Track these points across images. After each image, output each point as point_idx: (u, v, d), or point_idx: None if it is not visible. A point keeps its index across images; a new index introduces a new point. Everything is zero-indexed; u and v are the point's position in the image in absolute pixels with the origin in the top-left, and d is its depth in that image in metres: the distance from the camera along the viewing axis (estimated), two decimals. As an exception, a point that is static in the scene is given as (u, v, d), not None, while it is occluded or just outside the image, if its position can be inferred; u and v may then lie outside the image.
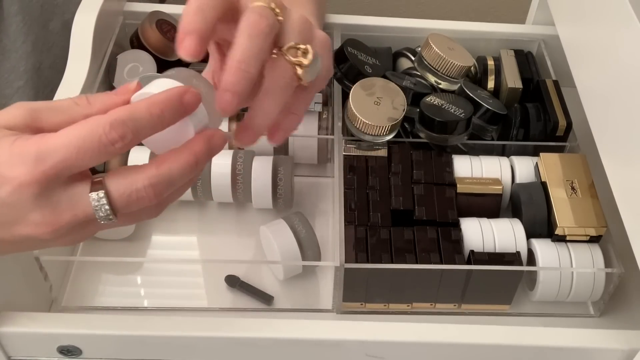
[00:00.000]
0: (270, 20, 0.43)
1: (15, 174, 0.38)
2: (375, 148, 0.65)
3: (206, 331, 0.52)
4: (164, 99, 0.39)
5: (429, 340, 0.52)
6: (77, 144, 0.38)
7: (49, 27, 0.71)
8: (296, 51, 0.45)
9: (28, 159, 0.38)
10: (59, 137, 0.38)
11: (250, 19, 0.42)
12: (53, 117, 0.40)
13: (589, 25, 0.58)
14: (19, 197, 0.39)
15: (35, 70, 0.70)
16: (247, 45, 0.42)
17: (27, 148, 0.39)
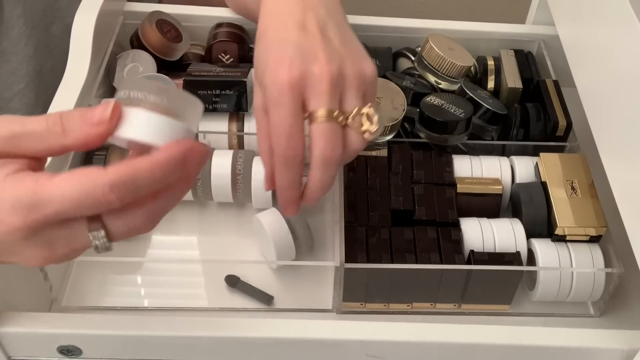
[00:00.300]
0: (338, 145, 0.48)
1: (7, 219, 0.38)
2: (375, 148, 0.65)
3: (206, 331, 0.52)
4: (168, 161, 0.39)
5: (429, 340, 0.52)
6: (73, 198, 0.38)
7: (50, 31, 0.71)
8: (360, 117, 0.48)
9: (21, 206, 0.38)
10: (56, 188, 0.38)
11: (323, 154, 0.48)
12: (31, 146, 0.40)
13: (589, 25, 0.58)
14: (11, 238, 0.39)
15: (37, 74, 0.70)
16: (322, 177, 0.48)
17: (21, 193, 0.38)
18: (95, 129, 0.39)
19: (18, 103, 0.70)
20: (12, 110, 0.70)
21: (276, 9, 0.53)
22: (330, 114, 0.47)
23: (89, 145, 0.39)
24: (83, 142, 0.39)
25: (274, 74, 0.47)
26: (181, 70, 0.68)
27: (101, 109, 0.39)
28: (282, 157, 0.48)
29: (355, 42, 0.53)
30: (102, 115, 0.39)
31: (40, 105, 0.71)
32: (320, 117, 0.47)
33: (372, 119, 0.48)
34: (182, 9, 0.76)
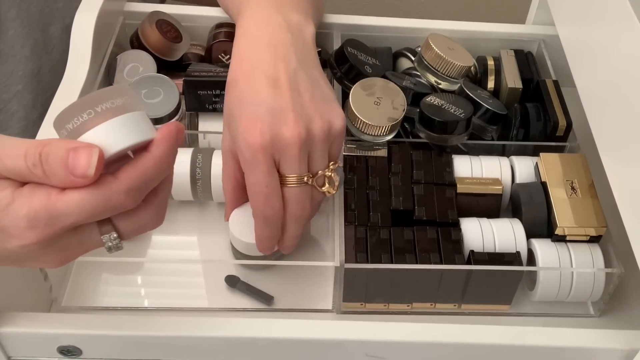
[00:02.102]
0: (308, 206, 0.55)
1: (24, 235, 0.39)
2: (376, 148, 0.65)
3: (206, 331, 0.52)
4: (167, 151, 0.40)
5: (429, 340, 0.52)
6: (90, 208, 0.39)
7: (49, 32, 0.71)
8: (324, 178, 0.55)
9: (37, 222, 0.39)
10: (71, 201, 0.39)
11: (296, 213, 0.55)
12: (18, 179, 0.40)
13: (589, 25, 0.58)
14: (28, 251, 0.40)
15: (35, 75, 0.70)
16: (296, 233, 0.56)
17: (36, 209, 0.39)
18: (80, 181, 0.39)
19: (16, 105, 0.70)
20: (11, 112, 0.70)
21: (247, 56, 0.56)
22: (300, 179, 0.53)
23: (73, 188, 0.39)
24: (67, 187, 0.39)
25: (247, 135, 0.52)
26: (181, 70, 0.68)
27: (85, 162, 0.38)
28: (261, 216, 0.54)
29: (326, 91, 0.57)
30: (87, 171, 0.38)
31: (39, 107, 0.71)
32: (291, 182, 0.53)
33: (333, 183, 0.55)
34: (182, 9, 0.76)
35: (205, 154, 0.64)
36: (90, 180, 0.39)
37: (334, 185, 0.55)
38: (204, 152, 0.65)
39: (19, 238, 0.39)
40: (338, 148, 0.56)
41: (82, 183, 0.39)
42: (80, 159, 0.38)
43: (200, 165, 0.64)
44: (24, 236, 0.39)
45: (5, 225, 0.39)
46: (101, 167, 0.39)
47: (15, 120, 0.70)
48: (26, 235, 0.39)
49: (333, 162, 0.55)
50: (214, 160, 0.64)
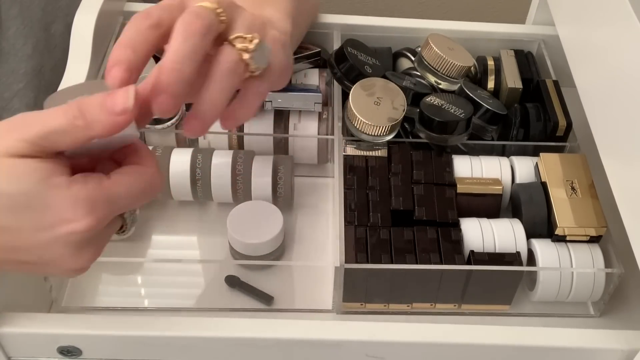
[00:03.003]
0: (206, 20, 0.43)
1: (83, 218, 0.41)
2: (375, 148, 0.65)
3: (206, 331, 0.52)
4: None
5: (429, 340, 0.52)
6: (136, 194, 0.43)
7: (51, 30, 0.71)
8: (243, 39, 0.45)
9: (97, 205, 0.41)
10: (121, 186, 0.42)
11: (185, 20, 0.43)
12: (59, 142, 0.41)
13: (589, 25, 0.58)
14: (75, 238, 0.41)
15: (36, 73, 0.70)
16: (181, 46, 0.42)
17: (94, 194, 0.41)
18: (119, 117, 0.40)
19: (18, 103, 0.70)
20: (12, 111, 0.70)
21: None
22: (210, 6, 0.44)
23: (114, 133, 0.40)
24: (109, 131, 0.40)
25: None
26: (181, 70, 0.68)
27: (122, 98, 0.39)
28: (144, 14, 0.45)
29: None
30: (126, 103, 0.39)
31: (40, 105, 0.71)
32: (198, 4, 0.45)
33: (252, 41, 0.45)
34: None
35: (205, 154, 0.65)
36: (130, 116, 0.39)
37: (253, 44, 0.45)
38: (204, 152, 0.65)
39: (73, 223, 0.40)
40: (275, 46, 0.49)
41: (125, 121, 0.39)
42: (117, 98, 0.39)
43: (200, 165, 0.64)
44: (79, 221, 0.40)
45: (60, 210, 0.40)
46: (139, 102, 0.40)
47: None
48: (82, 220, 0.40)
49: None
50: (214, 160, 0.64)
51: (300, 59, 0.70)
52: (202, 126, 0.44)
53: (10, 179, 0.40)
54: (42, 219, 0.40)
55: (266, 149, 0.68)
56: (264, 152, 0.68)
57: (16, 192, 0.40)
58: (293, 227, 0.67)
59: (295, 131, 0.68)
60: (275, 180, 0.65)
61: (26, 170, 0.40)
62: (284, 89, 0.67)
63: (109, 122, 0.40)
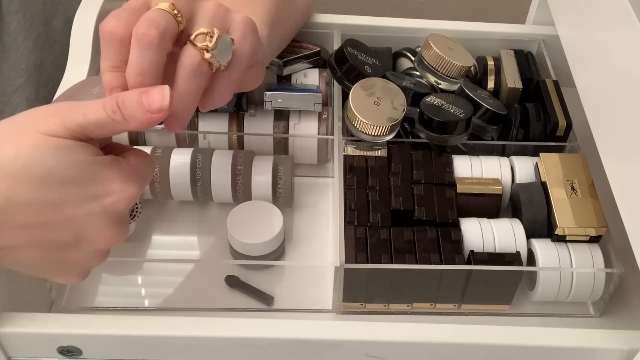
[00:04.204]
0: (161, 26, 0.44)
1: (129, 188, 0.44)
2: (375, 148, 0.65)
3: (206, 331, 0.52)
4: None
5: (429, 340, 0.52)
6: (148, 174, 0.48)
7: (51, 25, 0.71)
8: (204, 37, 0.46)
9: (138, 177, 0.45)
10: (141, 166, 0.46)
11: (140, 31, 0.44)
12: (98, 133, 0.44)
13: (589, 25, 0.58)
14: (119, 205, 0.44)
15: (37, 68, 0.70)
16: (139, 59, 0.44)
17: (131, 169, 0.45)
18: (156, 116, 0.43)
19: (19, 97, 0.70)
20: (14, 105, 0.70)
21: None
22: (167, 7, 0.45)
23: (147, 128, 0.45)
24: (143, 127, 0.44)
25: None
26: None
27: (159, 97, 0.43)
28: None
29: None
30: (162, 104, 0.43)
31: (41, 99, 0.71)
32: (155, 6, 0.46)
33: (212, 37, 0.46)
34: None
35: (205, 154, 0.65)
36: (166, 114, 0.43)
37: (213, 40, 0.46)
38: (204, 152, 0.65)
39: (117, 194, 0.44)
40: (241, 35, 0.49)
41: (160, 118, 0.43)
42: (154, 97, 0.43)
43: (200, 165, 0.64)
44: (122, 192, 0.44)
45: (106, 182, 0.44)
46: (173, 101, 0.43)
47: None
48: (124, 192, 0.44)
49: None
50: (214, 160, 0.64)
51: (300, 59, 0.70)
52: (180, 123, 0.47)
53: (60, 154, 0.42)
54: (89, 190, 0.43)
55: (266, 149, 0.68)
56: (264, 152, 0.68)
57: (67, 166, 0.42)
58: (293, 227, 0.67)
59: (295, 131, 0.68)
60: (275, 180, 0.65)
61: (75, 147, 0.42)
62: (284, 88, 0.67)
63: (145, 118, 0.43)
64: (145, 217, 0.66)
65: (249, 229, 0.61)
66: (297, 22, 0.73)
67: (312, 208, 0.69)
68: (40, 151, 0.41)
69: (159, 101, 0.43)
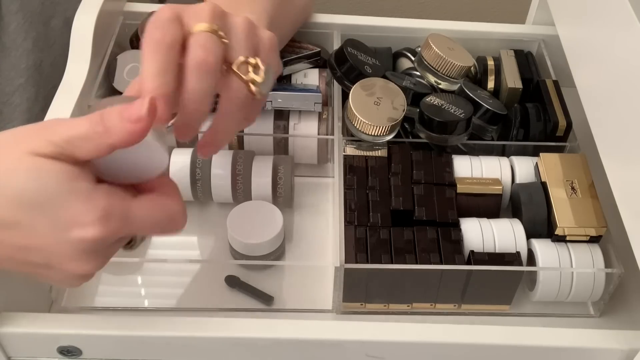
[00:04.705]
0: (215, 52, 0.45)
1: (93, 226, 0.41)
2: (375, 148, 0.65)
3: (206, 331, 0.52)
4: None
5: (429, 340, 0.52)
6: (154, 223, 0.43)
7: (50, 25, 0.71)
8: (247, 66, 0.47)
9: (112, 217, 0.41)
10: (142, 210, 0.42)
11: (197, 58, 0.44)
12: (82, 148, 0.41)
13: (589, 25, 0.58)
14: (83, 246, 0.41)
15: (36, 68, 0.70)
16: (197, 85, 0.44)
17: (113, 206, 0.41)
18: (135, 125, 0.40)
19: (19, 98, 0.70)
20: (14, 105, 0.70)
21: None
22: (210, 28, 0.45)
23: (132, 141, 0.41)
24: (126, 139, 0.41)
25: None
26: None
27: (137, 106, 0.40)
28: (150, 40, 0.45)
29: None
30: (140, 112, 0.40)
31: (41, 100, 0.71)
32: (198, 29, 0.46)
33: (259, 72, 0.47)
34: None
35: (205, 154, 0.65)
36: (145, 123, 0.40)
37: (260, 72, 0.47)
38: (204, 152, 0.65)
39: (86, 228, 0.40)
40: (269, 56, 0.50)
41: (140, 128, 0.40)
42: (133, 107, 0.40)
43: (200, 165, 0.64)
44: (93, 227, 0.40)
45: (77, 212, 0.40)
46: (154, 110, 0.41)
47: (19, 113, 0.70)
48: (96, 227, 0.40)
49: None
50: (214, 160, 0.64)
51: (300, 59, 0.70)
52: (216, 150, 0.49)
53: (31, 176, 0.40)
54: (57, 219, 0.41)
55: (266, 149, 0.68)
56: (264, 152, 0.68)
57: (36, 189, 0.40)
58: (293, 227, 0.67)
59: (295, 131, 0.68)
60: (275, 180, 0.65)
61: (50, 169, 0.40)
62: (284, 88, 0.67)
63: (125, 129, 0.40)
64: (145, 217, 0.66)
65: (249, 229, 0.61)
66: (296, 22, 0.73)
67: (312, 208, 0.69)
68: (13, 171, 0.40)
69: (138, 110, 0.40)
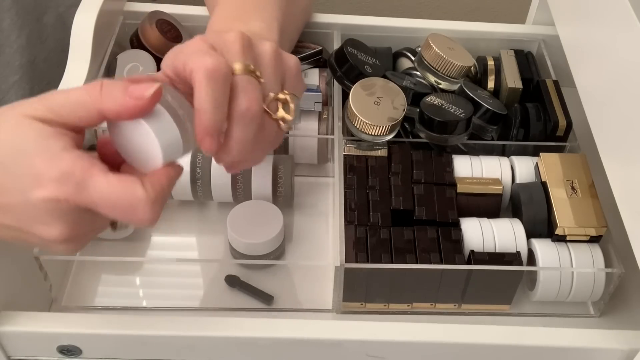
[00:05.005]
0: (258, 98, 0.45)
1: (49, 186, 0.40)
2: (375, 148, 0.65)
3: (206, 331, 0.52)
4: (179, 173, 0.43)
5: (429, 340, 0.52)
6: (111, 203, 0.40)
7: (43, 21, 0.71)
8: (276, 103, 0.47)
9: (69, 179, 0.40)
10: (104, 184, 0.40)
11: (242, 106, 0.44)
12: (72, 112, 0.41)
13: (589, 25, 0.58)
14: (43, 206, 0.40)
15: (30, 64, 0.70)
16: (244, 135, 0.45)
17: (76, 169, 0.40)
18: (134, 102, 0.40)
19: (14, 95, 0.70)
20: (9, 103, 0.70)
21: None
22: (247, 69, 0.46)
23: (122, 116, 0.41)
24: (117, 111, 0.40)
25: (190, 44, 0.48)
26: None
27: (144, 87, 0.40)
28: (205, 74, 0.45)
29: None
30: (144, 92, 0.40)
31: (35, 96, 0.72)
32: (237, 68, 0.45)
33: (289, 107, 0.47)
34: (182, 9, 0.76)
35: (205, 153, 0.64)
36: (144, 104, 0.40)
37: (290, 110, 0.47)
38: (204, 152, 0.65)
39: (44, 186, 0.39)
40: (295, 82, 0.50)
41: (136, 107, 0.40)
42: (140, 86, 0.40)
43: (200, 165, 0.64)
44: (49, 186, 0.39)
45: (39, 170, 0.40)
46: (157, 98, 0.40)
47: None
48: (51, 187, 0.39)
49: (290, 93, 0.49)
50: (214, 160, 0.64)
51: (302, 59, 0.70)
52: (240, 168, 0.49)
53: (10, 133, 0.40)
54: (24, 178, 0.40)
55: (266, 149, 0.68)
56: (264, 152, 0.68)
57: (10, 146, 0.40)
58: (293, 227, 0.67)
59: (295, 131, 0.68)
60: (275, 180, 0.65)
61: (29, 128, 0.40)
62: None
63: (120, 99, 0.40)
64: (145, 217, 0.66)
65: (249, 229, 0.61)
66: (301, 25, 0.73)
67: (312, 208, 0.69)
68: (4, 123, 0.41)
69: (142, 90, 0.40)
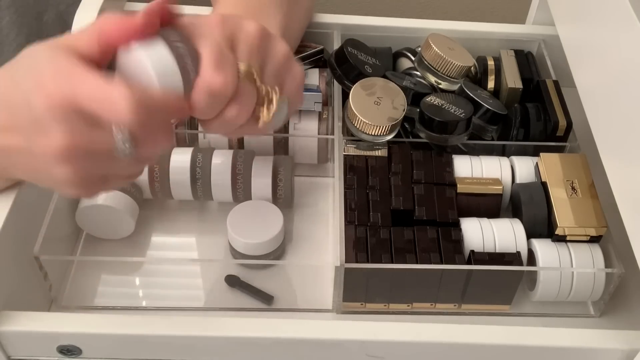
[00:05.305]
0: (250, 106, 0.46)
1: (47, 86, 0.40)
2: (375, 148, 0.65)
3: (206, 331, 0.52)
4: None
5: (429, 340, 0.52)
6: (92, 94, 0.40)
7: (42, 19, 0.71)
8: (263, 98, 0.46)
9: (66, 78, 0.40)
10: (92, 80, 0.40)
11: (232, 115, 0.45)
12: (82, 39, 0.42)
13: (589, 25, 0.58)
14: (49, 105, 0.40)
15: None
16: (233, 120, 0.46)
17: (70, 70, 0.40)
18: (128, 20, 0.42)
19: None
20: None
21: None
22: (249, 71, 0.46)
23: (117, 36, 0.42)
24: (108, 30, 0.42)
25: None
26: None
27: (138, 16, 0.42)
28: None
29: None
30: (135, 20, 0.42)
31: None
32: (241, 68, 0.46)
33: (270, 108, 0.47)
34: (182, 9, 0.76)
35: (205, 153, 0.65)
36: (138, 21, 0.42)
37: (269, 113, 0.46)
38: (204, 152, 0.65)
39: (43, 88, 0.40)
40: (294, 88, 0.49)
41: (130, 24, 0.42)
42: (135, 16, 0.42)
43: (200, 165, 0.64)
44: (48, 86, 0.40)
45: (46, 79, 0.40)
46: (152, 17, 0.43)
47: None
48: (49, 87, 0.40)
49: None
50: (214, 160, 0.64)
51: (304, 58, 0.70)
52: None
53: (26, 57, 0.42)
54: (31, 90, 0.40)
55: (266, 149, 0.68)
56: (264, 152, 0.68)
57: (26, 64, 0.42)
58: (293, 227, 0.67)
59: (295, 131, 0.68)
60: (275, 180, 0.65)
61: (47, 47, 0.42)
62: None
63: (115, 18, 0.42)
64: (145, 217, 0.66)
65: (249, 229, 0.61)
66: (303, 26, 0.73)
67: (312, 208, 0.69)
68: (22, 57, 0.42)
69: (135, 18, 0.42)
